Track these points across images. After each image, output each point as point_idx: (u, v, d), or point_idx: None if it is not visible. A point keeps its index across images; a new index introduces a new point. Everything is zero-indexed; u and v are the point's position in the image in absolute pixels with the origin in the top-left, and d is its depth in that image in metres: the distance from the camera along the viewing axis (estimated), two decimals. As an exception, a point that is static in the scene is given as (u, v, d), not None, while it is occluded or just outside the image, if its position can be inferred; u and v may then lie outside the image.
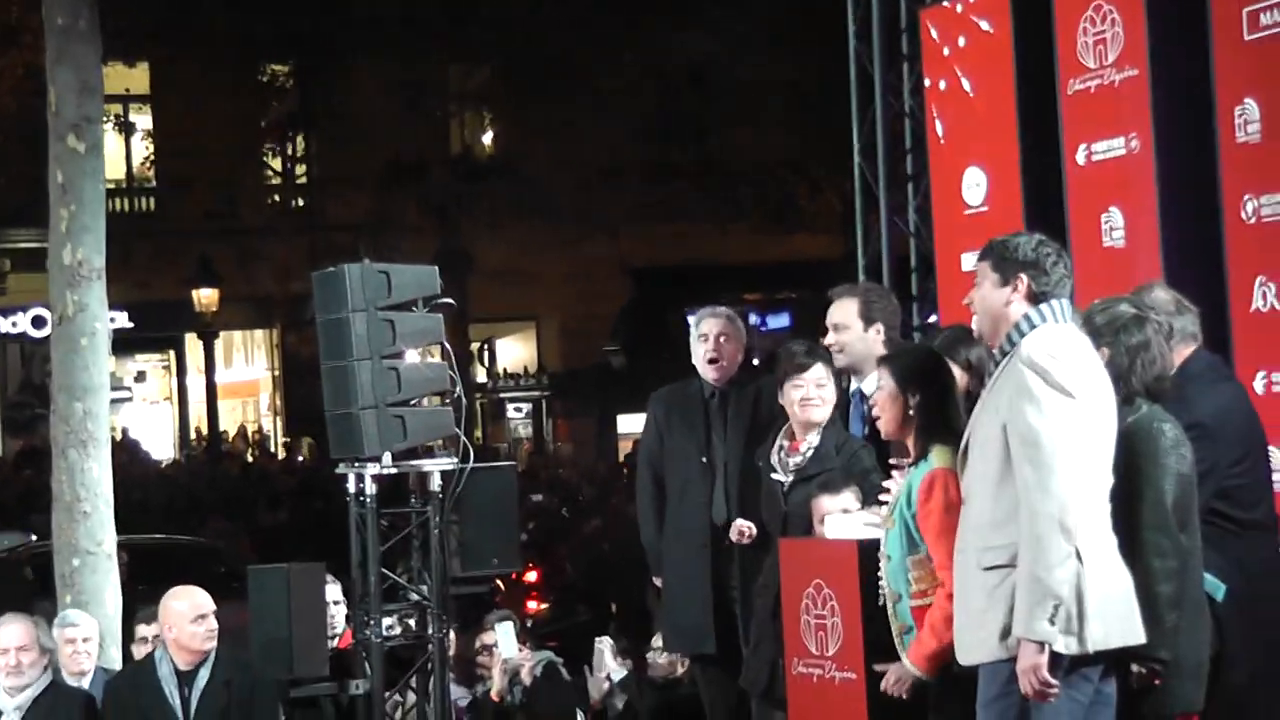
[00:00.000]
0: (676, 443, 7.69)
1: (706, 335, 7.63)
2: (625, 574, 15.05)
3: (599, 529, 18.67)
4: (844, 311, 7.28)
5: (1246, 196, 7.77)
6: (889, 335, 7.30)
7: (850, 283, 8.24)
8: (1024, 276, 5.41)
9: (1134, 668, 5.49)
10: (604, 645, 9.37)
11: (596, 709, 9.29)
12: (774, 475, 7.05)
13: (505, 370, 32.25)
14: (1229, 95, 7.87)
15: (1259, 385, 7.69)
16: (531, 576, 15.60)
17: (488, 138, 32.05)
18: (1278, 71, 7.62)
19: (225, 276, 28.67)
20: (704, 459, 7.57)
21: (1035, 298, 5.39)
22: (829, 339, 7.29)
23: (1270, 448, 7.47)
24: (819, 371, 6.94)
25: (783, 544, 6.63)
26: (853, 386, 7.36)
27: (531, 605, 15.43)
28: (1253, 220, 7.75)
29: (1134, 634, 5.29)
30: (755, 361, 8.33)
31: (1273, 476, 6.95)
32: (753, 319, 27.69)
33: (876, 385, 6.11)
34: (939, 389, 5.88)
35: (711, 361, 7.59)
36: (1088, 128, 8.74)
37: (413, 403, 7.82)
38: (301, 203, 31.67)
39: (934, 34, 10.00)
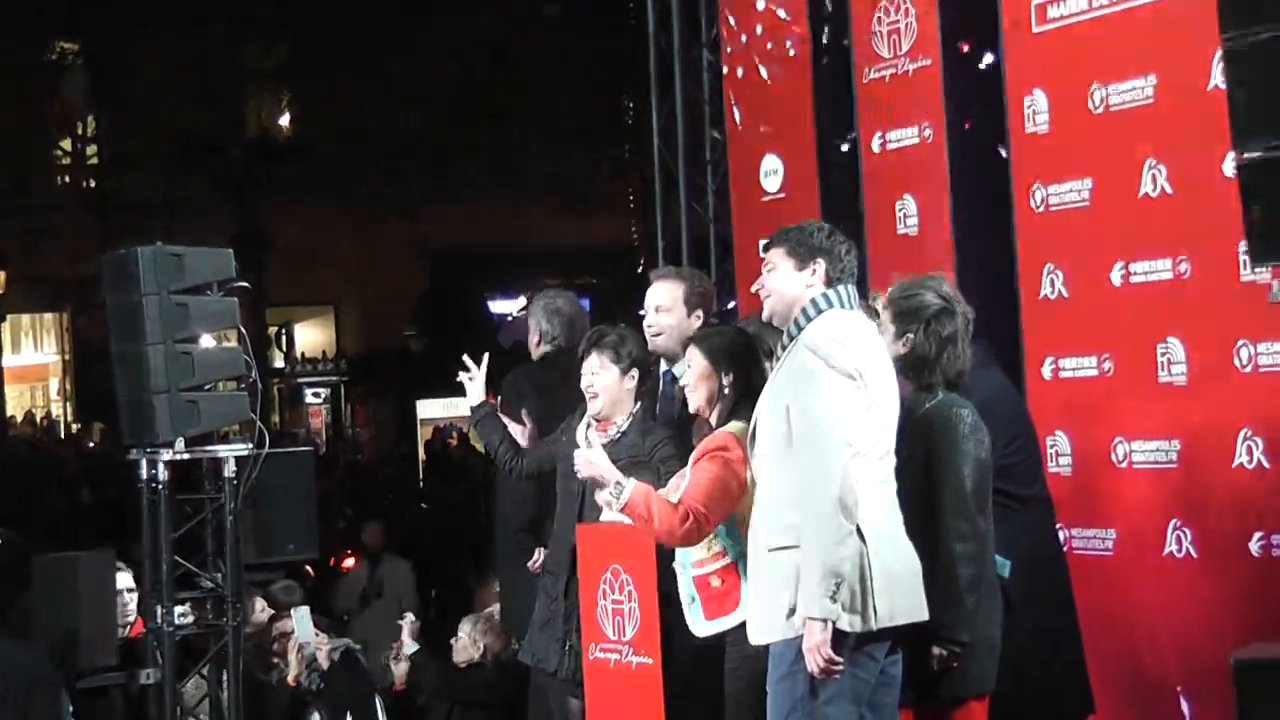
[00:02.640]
0: None
1: None
2: (445, 558, 15.07)
3: (418, 514, 18.56)
4: (668, 294, 7.21)
5: (1035, 186, 7.93)
6: (707, 322, 7.28)
7: (668, 266, 8.23)
8: (821, 262, 5.51)
9: (935, 650, 5.59)
10: (404, 623, 9.30)
11: (399, 689, 9.23)
12: (578, 451, 7.02)
13: (303, 355, 31.90)
14: (1018, 86, 8.03)
15: (1046, 371, 7.86)
16: (349, 563, 15.42)
17: (284, 118, 31.67)
18: (1065, 63, 7.78)
19: (12, 258, 28.00)
20: None
21: (829, 283, 5.49)
22: (648, 320, 7.22)
23: (1058, 431, 7.71)
24: (592, 361, 6.93)
25: (580, 529, 6.64)
26: (663, 368, 7.35)
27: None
28: (1041, 209, 7.91)
29: (918, 611, 5.39)
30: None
31: (1044, 454, 7.17)
32: (552, 303, 27.55)
33: (686, 365, 6.15)
34: (749, 368, 5.95)
35: None
36: (882, 116, 8.86)
37: (207, 388, 7.71)
38: (93, 183, 31.05)
39: (732, 21, 10.06)
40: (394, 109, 28.15)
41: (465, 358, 7.41)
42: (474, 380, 7.36)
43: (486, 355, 7.39)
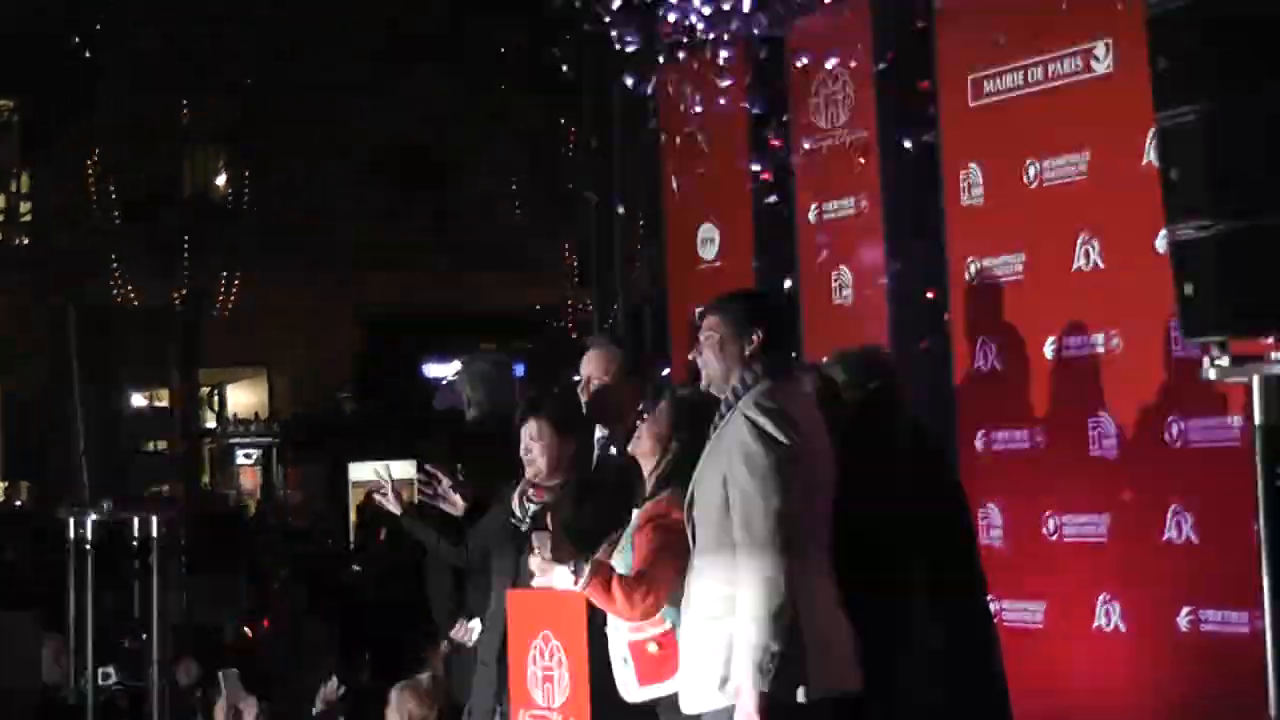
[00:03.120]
0: None
1: None
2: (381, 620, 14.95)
3: (352, 576, 18.44)
4: (602, 362, 7.20)
5: (970, 259, 7.98)
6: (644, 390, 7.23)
7: (604, 333, 8.21)
8: (759, 330, 5.53)
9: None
10: (323, 688, 9.22)
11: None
12: (513, 520, 7.01)
13: (235, 416, 31.70)
14: (954, 159, 8.09)
15: (979, 443, 7.89)
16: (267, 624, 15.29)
17: (221, 179, 31.58)
18: (1000, 137, 7.84)
19: (-58, 315, 27.77)
20: None
21: (766, 351, 5.51)
22: (581, 388, 7.20)
23: (989, 504, 7.74)
24: (531, 426, 6.91)
25: (510, 595, 6.61)
26: (598, 433, 7.33)
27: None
28: (975, 282, 7.96)
29: (851, 680, 5.39)
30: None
31: (976, 525, 7.20)
32: (488, 368, 27.47)
33: (655, 410, 6.12)
34: (701, 436, 5.93)
35: None
36: (819, 187, 8.90)
37: (138, 449, 7.67)
38: (25, 240, 30.81)
39: (671, 91, 10.09)
40: (332, 172, 28.12)
41: (376, 469, 7.44)
42: (387, 495, 7.38)
43: (390, 466, 7.43)
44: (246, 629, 12.45)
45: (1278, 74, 4.33)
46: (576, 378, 7.23)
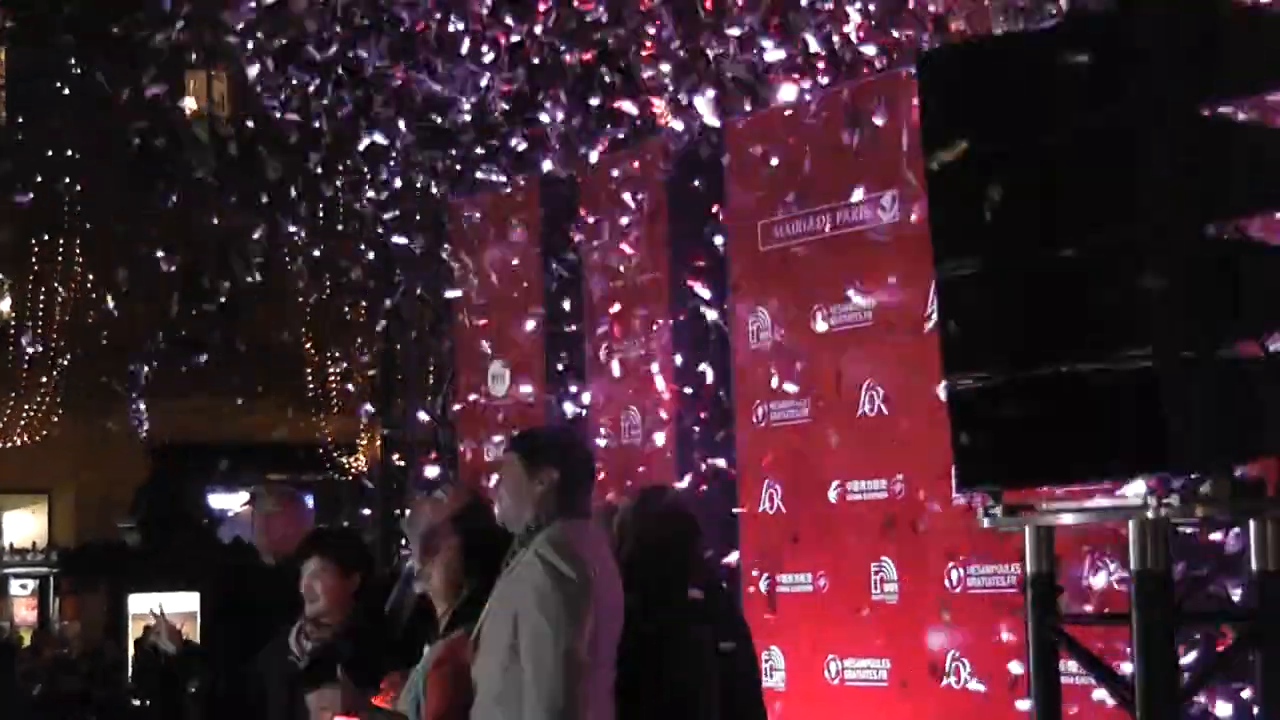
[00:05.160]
0: None
1: None
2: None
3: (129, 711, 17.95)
4: (443, 502, 7.10)
5: (757, 401, 8.05)
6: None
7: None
8: (554, 469, 5.50)
9: None
10: None
11: None
12: (290, 657, 6.87)
13: (12, 545, 30.87)
14: (744, 304, 8.17)
15: (763, 586, 7.92)
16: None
17: (5, 303, 30.98)
18: (788, 283, 7.95)
19: None
20: None
21: (560, 489, 5.48)
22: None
23: (773, 647, 7.76)
24: (313, 564, 6.81)
25: (288, 735, 6.48)
26: (403, 563, 7.23)
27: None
28: (762, 424, 8.03)
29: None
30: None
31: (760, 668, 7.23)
32: (276, 500, 27.08)
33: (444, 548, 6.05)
34: (493, 574, 5.86)
35: None
36: (611, 328, 8.94)
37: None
38: None
39: (464, 223, 10.10)
40: (118, 298, 27.74)
41: (151, 610, 7.33)
42: (160, 633, 7.25)
43: (161, 604, 7.32)
44: None
45: (1049, 231, 4.43)
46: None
